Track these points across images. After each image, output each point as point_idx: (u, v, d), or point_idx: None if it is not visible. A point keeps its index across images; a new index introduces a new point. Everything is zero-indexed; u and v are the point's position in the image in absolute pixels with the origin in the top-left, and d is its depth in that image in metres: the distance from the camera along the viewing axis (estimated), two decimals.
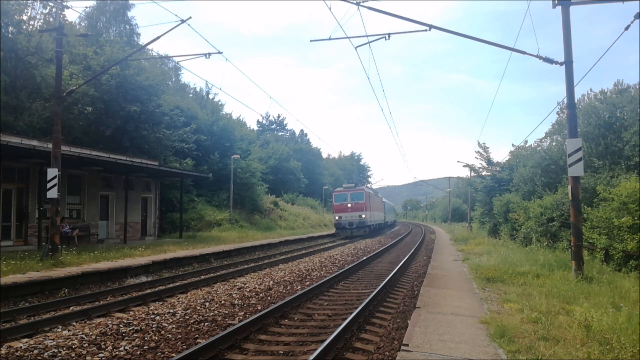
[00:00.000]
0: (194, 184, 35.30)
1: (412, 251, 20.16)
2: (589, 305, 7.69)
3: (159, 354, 6.23)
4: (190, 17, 13.93)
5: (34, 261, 13.32)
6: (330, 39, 13.66)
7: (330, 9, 12.57)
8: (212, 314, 8.48)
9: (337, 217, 34.93)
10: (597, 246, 13.78)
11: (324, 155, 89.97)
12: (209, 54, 14.96)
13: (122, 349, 6.38)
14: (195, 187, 36.04)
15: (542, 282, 10.45)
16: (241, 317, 8.24)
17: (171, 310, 8.66)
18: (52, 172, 14.39)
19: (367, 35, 13.73)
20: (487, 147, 34.45)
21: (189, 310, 8.69)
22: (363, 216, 34.07)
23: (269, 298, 10.13)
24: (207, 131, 38.72)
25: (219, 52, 15.28)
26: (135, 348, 6.42)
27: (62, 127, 15.73)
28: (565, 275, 10.96)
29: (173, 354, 6.14)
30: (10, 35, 24.54)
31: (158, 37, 14.76)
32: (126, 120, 27.02)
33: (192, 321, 7.91)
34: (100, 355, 6.14)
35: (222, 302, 9.54)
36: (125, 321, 7.87)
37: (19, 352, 6.22)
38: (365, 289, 11.15)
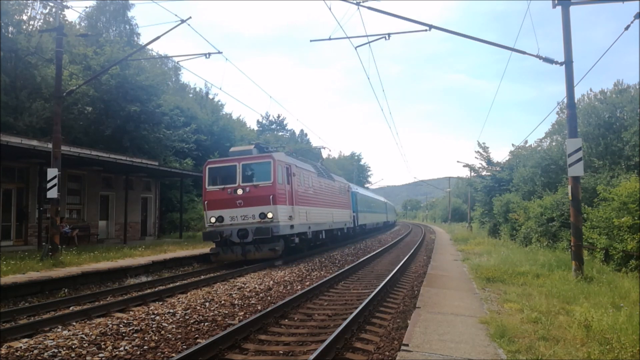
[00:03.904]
0: (194, 184, 35.29)
1: (412, 251, 20.14)
2: (589, 305, 7.68)
3: (159, 354, 6.23)
4: (190, 17, 13.94)
5: (34, 261, 13.32)
6: (330, 39, 13.66)
7: (330, 9, 12.57)
8: (212, 314, 8.48)
9: (211, 220, 16.24)
10: (597, 246, 13.77)
11: (324, 155, 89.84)
12: (209, 53, 14.97)
13: (122, 349, 6.38)
14: (195, 187, 36.03)
15: (542, 282, 10.45)
16: (241, 317, 8.24)
17: (171, 310, 8.66)
18: (52, 172, 14.40)
19: (367, 35, 13.73)
20: (487, 147, 34.42)
21: (189, 310, 8.69)
22: (270, 215, 15.73)
23: (269, 298, 10.12)
24: (207, 131, 38.75)
25: (219, 52, 15.29)
26: (135, 348, 6.42)
27: (62, 127, 15.74)
28: (565, 275, 10.96)
29: (173, 354, 6.14)
30: (10, 35, 24.55)
31: (158, 37, 14.78)
32: (126, 120, 27.04)
33: (192, 321, 7.91)
34: (100, 355, 6.14)
35: (222, 302, 9.54)
36: (125, 321, 7.86)
37: (19, 352, 6.21)
38: (365, 289, 11.14)
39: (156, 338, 6.90)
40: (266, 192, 15.76)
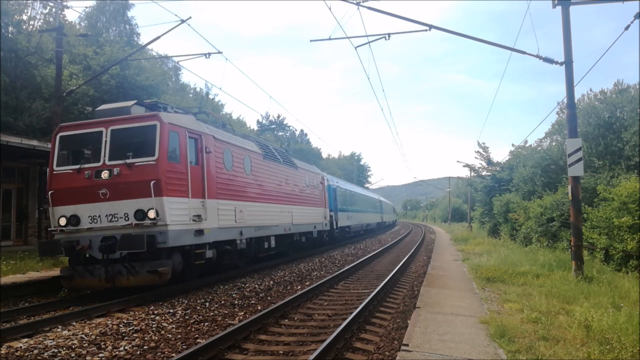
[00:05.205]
0: None
1: (412, 251, 20.15)
2: (589, 305, 7.69)
3: (159, 354, 6.23)
4: (190, 17, 13.94)
5: (34, 261, 13.33)
6: (330, 39, 13.68)
7: (330, 9, 12.58)
8: (212, 313, 8.48)
9: (60, 221, 10.06)
10: (597, 246, 13.78)
11: (324, 155, 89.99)
12: (209, 53, 15.00)
13: (122, 349, 6.38)
14: None
15: (542, 282, 10.46)
16: (241, 317, 8.24)
17: (171, 310, 8.67)
18: None
19: (367, 35, 13.76)
20: (487, 147, 34.43)
21: (189, 310, 8.70)
22: (152, 215, 9.54)
23: (269, 298, 10.13)
24: None
25: (219, 52, 15.31)
26: (135, 348, 6.43)
27: None
28: (565, 275, 10.97)
29: (173, 354, 6.14)
30: (10, 35, 24.55)
31: (158, 37, 14.81)
32: None
33: (192, 321, 7.91)
34: (100, 355, 6.14)
35: (222, 302, 9.54)
36: (125, 321, 7.87)
37: (19, 352, 6.22)
38: (365, 289, 11.15)
39: (156, 338, 6.91)
40: (146, 175, 9.68)
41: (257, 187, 14.68)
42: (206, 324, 7.77)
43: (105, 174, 9.85)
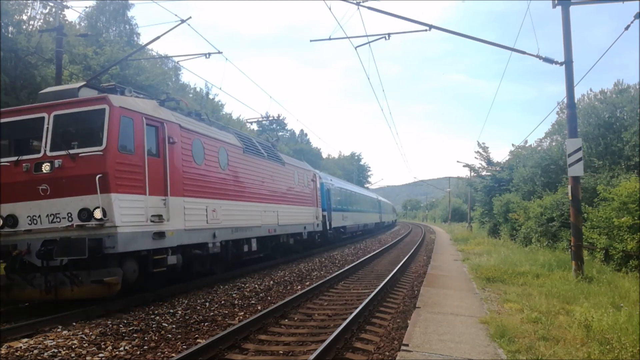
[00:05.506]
0: None
1: (412, 251, 20.15)
2: (589, 305, 7.70)
3: (159, 354, 6.23)
4: (190, 17, 13.90)
5: None
6: (330, 39, 13.68)
7: (330, 9, 12.58)
8: (212, 314, 8.49)
9: None
10: (597, 246, 13.79)
11: (324, 155, 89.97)
12: (209, 53, 14.99)
13: (122, 349, 6.39)
14: None
15: (542, 282, 10.47)
16: (241, 317, 8.25)
17: (171, 310, 8.67)
18: None
19: (367, 35, 13.76)
20: (487, 147, 34.43)
21: (189, 310, 8.70)
22: (98, 215, 8.15)
23: (269, 298, 10.13)
24: None
25: (219, 52, 15.29)
26: (135, 348, 6.43)
27: None
28: (565, 275, 10.98)
29: (173, 354, 6.15)
30: (10, 35, 24.55)
31: (158, 37, 14.75)
32: None
33: (192, 321, 7.92)
34: (100, 355, 6.14)
35: (222, 302, 9.55)
36: (125, 321, 7.87)
37: (19, 352, 6.22)
38: (365, 289, 11.15)
39: (156, 338, 6.91)
40: (92, 167, 8.37)
41: (235, 183, 13.24)
42: (206, 324, 7.78)
43: (46, 167, 8.54)
